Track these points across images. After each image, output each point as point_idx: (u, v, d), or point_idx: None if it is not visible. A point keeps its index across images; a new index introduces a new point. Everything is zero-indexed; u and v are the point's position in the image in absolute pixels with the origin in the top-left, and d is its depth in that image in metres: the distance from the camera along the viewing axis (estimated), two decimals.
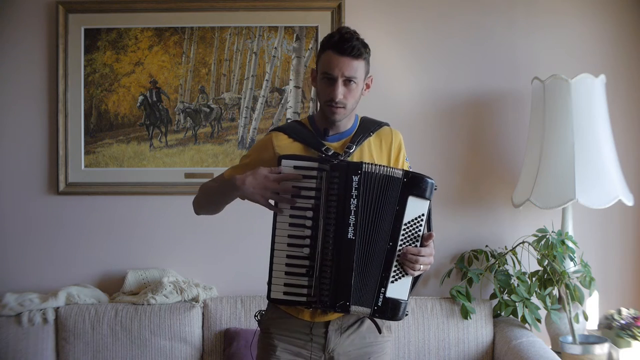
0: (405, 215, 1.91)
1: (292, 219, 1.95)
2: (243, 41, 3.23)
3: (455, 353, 2.94)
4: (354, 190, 1.90)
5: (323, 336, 2.03)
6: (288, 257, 1.96)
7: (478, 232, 3.19)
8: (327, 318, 2.02)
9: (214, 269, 3.19)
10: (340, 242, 1.92)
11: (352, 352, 2.04)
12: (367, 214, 1.91)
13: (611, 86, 2.99)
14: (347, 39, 1.95)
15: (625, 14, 3.21)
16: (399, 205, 1.91)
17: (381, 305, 1.93)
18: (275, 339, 2.05)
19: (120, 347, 2.94)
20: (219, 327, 2.98)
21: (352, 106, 2.01)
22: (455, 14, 3.22)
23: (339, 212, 1.91)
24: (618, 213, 3.12)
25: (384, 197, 1.91)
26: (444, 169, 3.21)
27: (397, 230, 1.91)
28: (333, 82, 1.97)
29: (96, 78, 3.25)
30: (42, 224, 3.23)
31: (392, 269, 1.92)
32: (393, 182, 1.91)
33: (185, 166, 3.24)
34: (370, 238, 1.92)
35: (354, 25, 3.14)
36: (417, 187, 1.92)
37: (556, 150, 2.87)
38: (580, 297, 2.89)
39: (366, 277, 1.93)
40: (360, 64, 1.97)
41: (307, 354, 2.03)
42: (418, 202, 1.91)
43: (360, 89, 2.02)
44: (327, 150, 2.01)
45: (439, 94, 3.22)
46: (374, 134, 2.08)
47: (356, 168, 1.91)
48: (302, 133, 2.07)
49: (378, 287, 1.92)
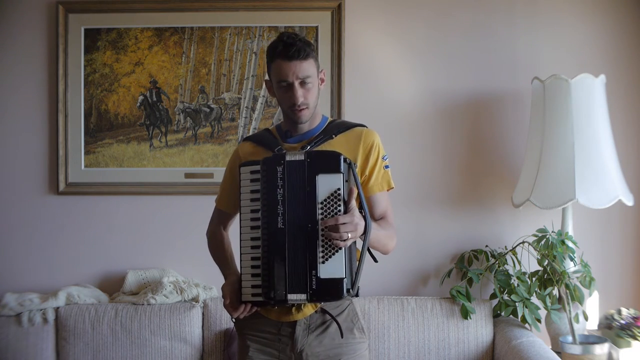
0: (319, 194, 1.91)
1: (252, 222, 1.99)
2: (243, 41, 3.23)
3: (455, 353, 2.94)
4: (279, 180, 1.93)
5: (290, 336, 2.04)
6: (252, 259, 1.99)
7: (478, 232, 3.19)
8: (293, 317, 2.03)
9: (214, 269, 3.16)
10: (274, 233, 1.94)
11: (321, 353, 2.03)
12: (291, 201, 1.93)
13: (611, 86, 2.99)
14: (291, 44, 1.99)
15: (625, 14, 3.21)
16: (309, 186, 1.92)
17: (316, 287, 1.90)
18: (248, 339, 2.08)
19: (120, 347, 2.94)
20: (219, 327, 2.98)
21: (313, 103, 2.06)
22: (455, 13, 3.22)
23: (270, 203, 1.94)
24: (618, 213, 3.12)
25: (300, 182, 1.93)
26: (444, 169, 3.22)
27: (313, 211, 1.91)
28: (290, 88, 2.01)
29: (96, 78, 3.25)
30: (42, 224, 3.23)
31: (318, 250, 1.90)
32: (301, 165, 1.93)
33: (185, 166, 3.24)
34: (296, 225, 1.93)
35: (354, 25, 3.19)
36: (323, 164, 1.93)
37: (556, 150, 2.87)
38: (580, 297, 2.89)
39: (296, 264, 1.92)
40: (309, 63, 2.01)
41: (276, 353, 2.05)
42: (329, 177, 1.91)
43: (317, 86, 2.06)
44: (280, 149, 2.05)
45: (439, 94, 3.22)
46: (339, 136, 2.09)
47: (279, 158, 1.95)
48: (264, 138, 2.14)
49: (308, 270, 1.90)
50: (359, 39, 3.20)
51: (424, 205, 3.22)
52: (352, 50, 3.20)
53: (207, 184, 3.19)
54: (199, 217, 3.23)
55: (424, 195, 3.22)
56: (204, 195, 3.15)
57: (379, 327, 2.93)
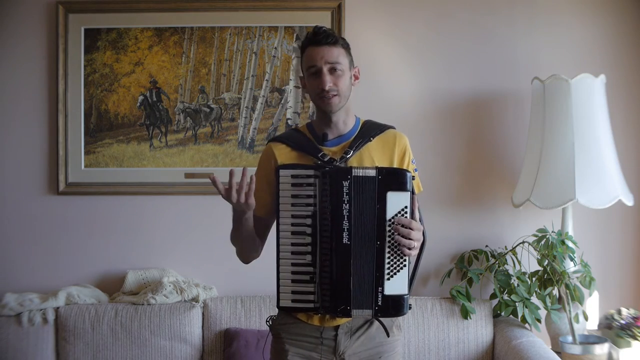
0: (388, 212, 1.92)
1: (293, 227, 1.96)
2: (243, 41, 3.23)
3: (455, 353, 2.94)
4: (345, 196, 1.92)
5: (333, 339, 2.04)
6: (293, 265, 1.97)
7: (478, 232, 3.19)
8: (336, 322, 2.04)
9: (214, 269, 3.19)
10: (337, 248, 1.93)
11: (362, 352, 2.04)
12: (357, 217, 1.93)
13: (611, 86, 2.99)
14: (321, 31, 2.01)
15: (625, 14, 3.21)
16: (379, 202, 1.92)
17: (382, 304, 1.94)
18: (287, 343, 2.06)
19: (120, 347, 2.94)
20: (219, 327, 2.98)
21: (344, 93, 2.02)
22: (455, 13, 3.22)
23: (334, 218, 1.93)
24: (618, 213, 3.12)
25: (368, 198, 1.93)
26: (444, 169, 3.22)
27: (382, 228, 1.92)
28: (319, 73, 1.99)
29: (96, 78, 3.25)
30: (42, 224, 3.23)
31: (385, 267, 1.93)
32: (371, 182, 1.92)
33: (185, 166, 3.24)
34: (362, 240, 1.93)
35: (354, 25, 3.19)
36: (393, 181, 1.93)
37: (556, 150, 2.87)
38: (580, 297, 2.89)
39: (362, 280, 1.94)
40: (339, 50, 2.02)
41: (317, 357, 2.04)
42: (398, 195, 1.92)
43: (349, 77, 2.04)
44: (323, 156, 2.02)
45: (439, 94, 3.22)
46: (376, 138, 2.08)
47: (346, 173, 1.93)
48: (300, 141, 2.08)
49: (375, 287, 1.93)
50: (359, 39, 3.19)
51: (423, 205, 3.16)
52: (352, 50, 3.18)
53: (207, 184, 3.13)
54: (199, 217, 3.25)
55: (424, 195, 3.18)
56: (204, 195, 3.16)
57: None
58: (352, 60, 2.08)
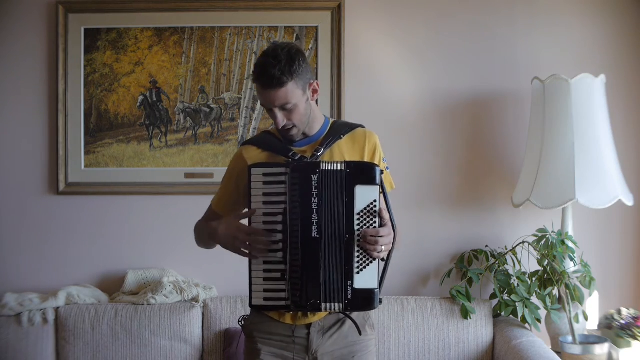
0: (357, 205, 1.93)
1: (265, 225, 1.96)
2: (243, 41, 3.23)
3: (455, 353, 2.94)
4: (314, 189, 1.93)
5: (305, 338, 2.04)
6: (265, 263, 1.97)
7: (478, 232, 3.19)
8: (308, 320, 2.04)
9: (214, 269, 3.19)
10: (307, 241, 1.94)
11: (335, 351, 2.05)
12: (326, 211, 1.93)
13: (611, 86, 2.99)
14: (264, 72, 1.92)
15: (625, 14, 3.21)
16: (348, 196, 1.92)
17: (351, 298, 1.94)
18: (259, 342, 2.07)
19: (120, 347, 2.94)
20: (219, 327, 2.98)
21: (301, 122, 2.01)
22: (455, 13, 3.22)
23: (303, 211, 1.93)
24: (618, 213, 3.12)
25: (337, 192, 1.93)
26: (443, 169, 3.22)
27: (351, 221, 1.93)
28: (271, 112, 1.99)
29: (96, 78, 3.25)
30: (42, 224, 3.23)
31: (354, 261, 1.93)
32: (340, 176, 1.93)
33: (185, 166, 3.24)
34: (331, 234, 1.94)
35: (354, 25, 3.19)
36: (361, 175, 1.93)
37: (556, 150, 2.87)
38: (580, 297, 2.89)
39: (332, 273, 1.94)
40: (286, 89, 1.93)
41: (290, 355, 2.05)
42: (366, 189, 1.93)
43: (304, 105, 2.00)
44: (294, 155, 2.03)
45: (439, 94, 3.22)
46: (346, 136, 2.09)
47: (315, 167, 1.93)
48: (271, 142, 2.10)
49: (344, 280, 1.93)
50: (359, 39, 3.20)
51: (424, 205, 3.23)
52: (352, 50, 3.20)
53: (207, 184, 3.19)
54: (199, 217, 3.22)
55: (424, 195, 3.23)
56: (204, 195, 3.12)
57: (379, 327, 2.93)
58: (309, 78, 2.00)
